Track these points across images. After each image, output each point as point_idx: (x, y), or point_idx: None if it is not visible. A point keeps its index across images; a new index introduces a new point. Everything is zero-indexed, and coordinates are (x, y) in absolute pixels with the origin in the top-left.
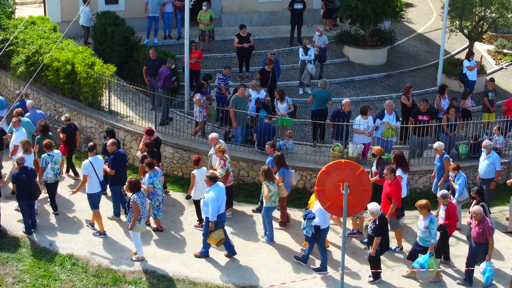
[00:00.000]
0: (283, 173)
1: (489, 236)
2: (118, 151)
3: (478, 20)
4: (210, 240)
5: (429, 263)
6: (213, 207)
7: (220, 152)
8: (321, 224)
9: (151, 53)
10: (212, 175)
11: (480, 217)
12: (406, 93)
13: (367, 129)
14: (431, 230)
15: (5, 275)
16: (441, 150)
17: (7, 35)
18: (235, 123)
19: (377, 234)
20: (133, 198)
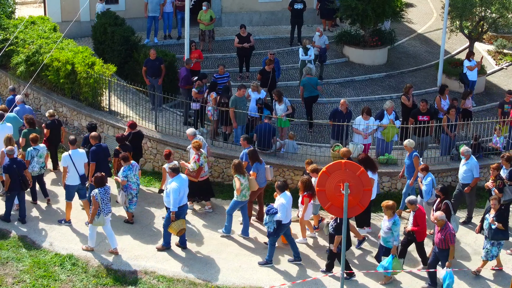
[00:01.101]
0: (257, 168)
1: (450, 243)
2: (100, 144)
3: (479, 20)
4: (171, 229)
5: (393, 265)
6: (174, 198)
7: (195, 148)
8: (283, 219)
9: (151, 53)
10: (174, 166)
11: (442, 223)
12: (406, 93)
13: (366, 130)
14: (393, 231)
15: (5, 275)
16: (410, 147)
17: (7, 35)
18: (235, 124)
19: (338, 232)
20: (93, 192)
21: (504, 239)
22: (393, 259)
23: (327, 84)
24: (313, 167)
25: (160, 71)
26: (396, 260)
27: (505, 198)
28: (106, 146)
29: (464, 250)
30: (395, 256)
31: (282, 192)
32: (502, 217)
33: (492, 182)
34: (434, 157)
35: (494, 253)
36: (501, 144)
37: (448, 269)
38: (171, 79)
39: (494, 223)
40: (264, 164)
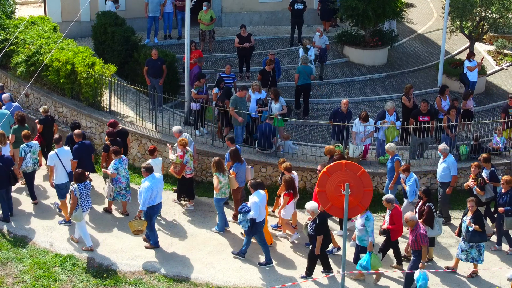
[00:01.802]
0: (237, 168)
1: (422, 243)
2: (83, 141)
3: (479, 20)
4: (130, 225)
5: (372, 263)
6: (145, 197)
7: (181, 145)
8: (256, 217)
9: (153, 53)
10: (147, 165)
11: (413, 224)
12: (406, 93)
13: (364, 132)
14: (367, 228)
15: (5, 275)
16: (392, 151)
17: (8, 35)
18: (240, 118)
19: (319, 232)
20: (72, 187)
21: (481, 241)
22: (371, 256)
23: (327, 84)
24: (286, 165)
25: (161, 71)
26: (374, 257)
27: (487, 196)
28: (89, 143)
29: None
30: (372, 253)
31: (256, 191)
32: (479, 219)
33: (473, 181)
34: (434, 157)
35: (474, 255)
36: (501, 145)
37: (422, 270)
38: (171, 80)
39: (471, 225)
40: (245, 164)
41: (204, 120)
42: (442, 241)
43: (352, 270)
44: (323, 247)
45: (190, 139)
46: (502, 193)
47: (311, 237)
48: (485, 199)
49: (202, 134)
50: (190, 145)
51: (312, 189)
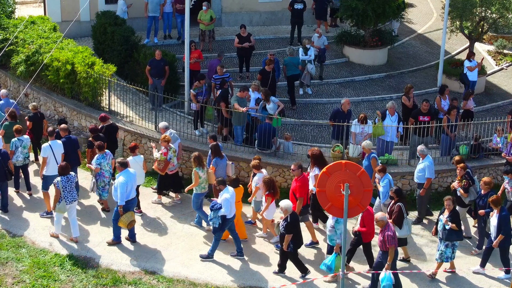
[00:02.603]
0: (216, 163)
1: (388, 245)
2: (69, 136)
3: (479, 20)
4: (121, 223)
5: (336, 264)
6: (121, 192)
7: (164, 142)
8: (227, 214)
9: (157, 53)
10: (122, 161)
11: (382, 224)
12: (406, 93)
13: (362, 134)
14: (336, 230)
15: (5, 275)
16: (368, 149)
17: (7, 35)
18: (244, 109)
19: (288, 231)
20: (56, 180)
21: (458, 239)
22: (336, 257)
23: (327, 84)
24: (254, 163)
25: (164, 72)
26: (339, 258)
27: (471, 198)
28: (75, 138)
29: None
30: (338, 254)
31: (225, 188)
32: (455, 218)
33: (458, 182)
34: (434, 157)
35: (449, 254)
36: (501, 145)
37: (387, 271)
38: (171, 79)
39: (448, 223)
40: (226, 160)
41: (204, 120)
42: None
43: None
44: (295, 248)
45: (175, 136)
46: (482, 195)
47: (282, 236)
48: (469, 201)
49: (202, 134)
50: (175, 142)
51: None
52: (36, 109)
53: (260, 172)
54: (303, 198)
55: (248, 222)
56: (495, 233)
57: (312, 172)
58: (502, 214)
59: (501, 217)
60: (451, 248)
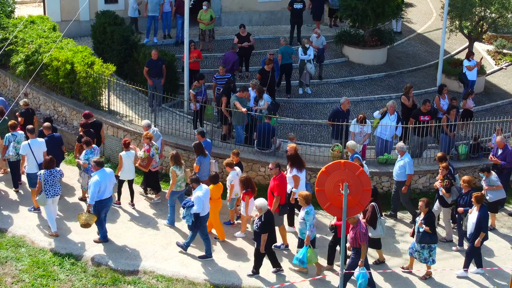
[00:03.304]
0: (200, 161)
1: (361, 241)
2: (53, 134)
3: (478, 20)
4: (79, 217)
5: (308, 257)
6: (93, 191)
7: (146, 139)
8: (200, 211)
9: (153, 53)
10: (98, 160)
11: (354, 221)
12: (406, 93)
13: (361, 134)
14: (306, 221)
15: (4, 274)
16: (352, 149)
17: (7, 34)
18: (244, 109)
19: (264, 230)
20: (39, 173)
21: (432, 242)
22: (307, 250)
23: (326, 84)
24: (227, 161)
25: (162, 71)
26: (311, 251)
27: (453, 198)
28: (59, 136)
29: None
30: (309, 247)
31: (198, 186)
32: (430, 221)
33: (440, 182)
34: (433, 157)
35: (426, 256)
36: None
37: (361, 269)
38: (170, 79)
39: (422, 226)
40: (209, 158)
41: (203, 120)
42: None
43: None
44: (268, 245)
45: (158, 133)
46: (463, 194)
47: (256, 234)
48: (451, 201)
49: None
50: (158, 139)
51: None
52: (27, 105)
53: (233, 170)
54: (280, 196)
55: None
56: (472, 230)
57: (290, 173)
58: (482, 212)
59: (481, 215)
60: (428, 250)
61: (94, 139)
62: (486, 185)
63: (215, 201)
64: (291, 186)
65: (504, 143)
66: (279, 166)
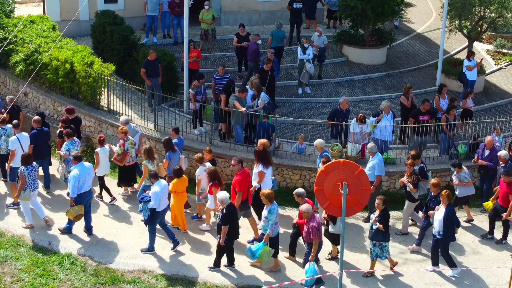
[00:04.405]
0: (169, 157)
1: (313, 236)
2: (41, 128)
3: (478, 20)
4: (68, 214)
5: (261, 252)
6: (73, 184)
7: (122, 133)
8: (156, 206)
9: (152, 54)
10: (76, 154)
11: (308, 216)
12: (406, 93)
13: (360, 133)
14: (269, 220)
15: (4, 274)
16: (321, 147)
17: (6, 34)
18: (243, 109)
19: (225, 222)
20: (21, 169)
21: (383, 240)
22: (263, 247)
23: (326, 83)
24: (198, 156)
25: (159, 70)
26: (266, 249)
27: (420, 193)
28: (47, 130)
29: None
30: (266, 244)
31: (157, 181)
32: (384, 219)
33: (407, 178)
34: (433, 156)
35: (378, 252)
36: (500, 144)
37: (311, 263)
38: (170, 79)
39: (375, 223)
40: (179, 153)
41: (203, 119)
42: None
43: (349, 269)
44: (230, 240)
45: (135, 129)
46: (432, 197)
47: (218, 227)
48: (418, 196)
49: (201, 133)
50: (135, 134)
51: (311, 188)
52: (12, 101)
53: (203, 165)
54: (242, 192)
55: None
56: (438, 227)
57: (256, 168)
58: (449, 209)
59: (448, 211)
60: (379, 247)
61: (75, 134)
62: (457, 180)
63: (180, 194)
64: (256, 181)
65: (493, 144)
66: (242, 162)
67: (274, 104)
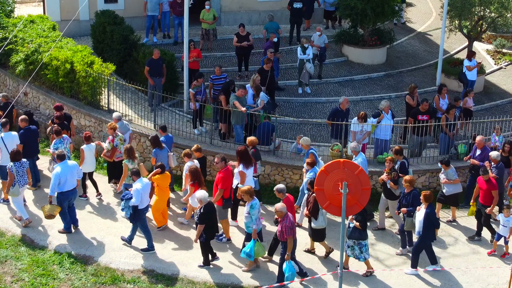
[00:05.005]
0: (156, 154)
1: (286, 235)
2: (29, 126)
3: (478, 19)
4: (42, 209)
5: (256, 250)
6: (53, 183)
7: (111, 129)
8: (137, 204)
9: (156, 53)
10: (60, 153)
11: (281, 215)
12: (411, 92)
13: (362, 132)
14: (252, 215)
15: (4, 273)
16: (306, 145)
17: (7, 34)
18: (243, 109)
19: (201, 221)
20: (9, 165)
21: (360, 239)
22: (255, 243)
23: (326, 83)
24: (185, 152)
25: (163, 70)
26: (258, 244)
27: (401, 190)
28: (35, 128)
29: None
30: (257, 241)
31: (138, 178)
32: (361, 217)
33: (387, 175)
34: (433, 156)
35: (356, 252)
36: (500, 143)
37: (288, 262)
38: (170, 78)
39: (352, 221)
40: (167, 150)
41: (203, 119)
42: None
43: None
44: (208, 238)
45: (126, 126)
46: (405, 194)
47: (196, 225)
48: (399, 193)
49: (201, 133)
50: (126, 132)
51: None
52: (7, 99)
53: (191, 161)
54: (223, 190)
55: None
56: (419, 228)
57: (237, 168)
58: (430, 209)
59: (428, 212)
60: (358, 246)
61: (68, 131)
62: (444, 178)
63: (163, 190)
64: (238, 181)
65: (483, 143)
66: (225, 159)
67: (274, 104)
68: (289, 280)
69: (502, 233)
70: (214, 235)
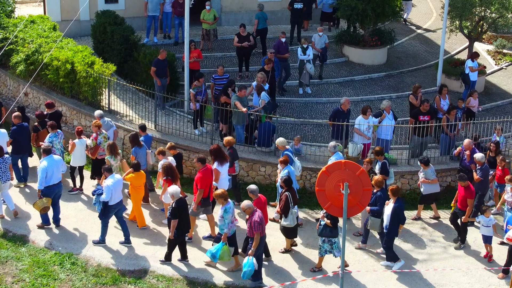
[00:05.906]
0: (136, 152)
1: (254, 231)
2: (22, 123)
3: (478, 20)
4: (35, 206)
5: (221, 253)
6: (41, 176)
7: (95, 127)
8: (108, 200)
9: (162, 53)
10: (46, 147)
11: (249, 211)
12: (414, 92)
13: (368, 130)
14: (225, 219)
15: (5, 274)
16: (282, 146)
17: (7, 34)
18: (245, 109)
19: (173, 216)
20: None
21: (332, 236)
22: (222, 247)
23: (326, 83)
24: (160, 149)
25: (167, 71)
26: (226, 248)
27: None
28: (27, 125)
29: None
30: (225, 244)
31: (110, 175)
32: (332, 215)
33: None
34: (433, 156)
35: (327, 248)
36: (501, 144)
37: (250, 257)
38: (171, 79)
39: (323, 219)
40: (145, 148)
41: (203, 119)
42: None
43: (349, 269)
44: (180, 233)
45: (109, 123)
46: (373, 193)
47: (168, 221)
48: None
49: (201, 133)
50: (109, 129)
51: (312, 188)
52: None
53: (165, 158)
54: (203, 189)
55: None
56: (387, 221)
57: (212, 166)
58: (398, 204)
59: (396, 206)
60: (328, 243)
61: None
62: (422, 177)
63: (137, 188)
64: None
65: (472, 146)
66: (203, 160)
67: (275, 104)
68: (246, 275)
69: (486, 233)
70: (186, 230)
